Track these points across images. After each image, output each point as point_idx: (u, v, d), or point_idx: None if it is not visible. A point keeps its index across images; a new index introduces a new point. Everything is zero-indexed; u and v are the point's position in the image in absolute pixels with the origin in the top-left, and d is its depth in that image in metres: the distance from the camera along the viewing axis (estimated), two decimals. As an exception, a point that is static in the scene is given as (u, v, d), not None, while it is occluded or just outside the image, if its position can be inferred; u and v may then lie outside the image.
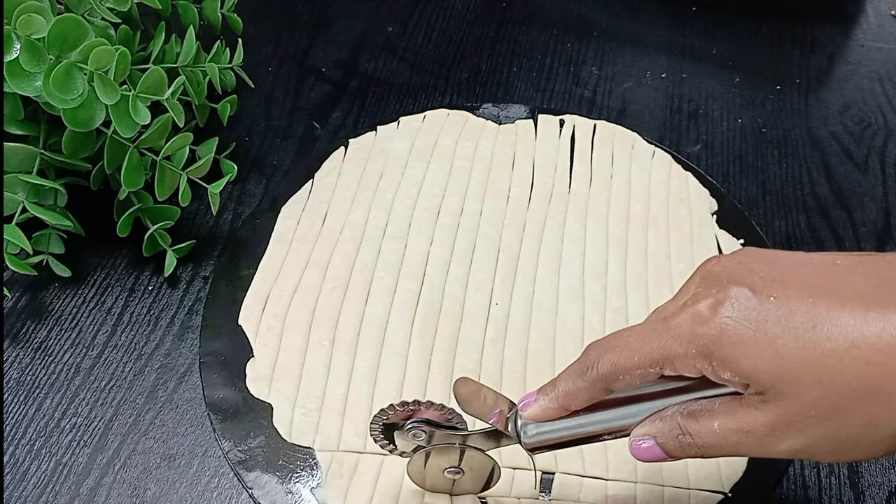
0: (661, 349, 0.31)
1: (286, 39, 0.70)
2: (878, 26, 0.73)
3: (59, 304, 0.51)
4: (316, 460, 0.43)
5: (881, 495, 0.44)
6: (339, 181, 0.57)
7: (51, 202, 0.50)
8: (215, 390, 0.46)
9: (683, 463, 0.43)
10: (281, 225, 0.54)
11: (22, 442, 0.45)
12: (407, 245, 0.53)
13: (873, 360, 0.27)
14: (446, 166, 0.58)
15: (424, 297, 0.50)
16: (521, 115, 0.62)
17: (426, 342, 0.48)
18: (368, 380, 0.46)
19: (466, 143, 0.60)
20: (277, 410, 0.45)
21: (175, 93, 0.49)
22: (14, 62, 0.43)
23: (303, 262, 0.52)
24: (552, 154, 0.59)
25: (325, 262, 0.52)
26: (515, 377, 0.47)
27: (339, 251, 0.53)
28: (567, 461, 0.43)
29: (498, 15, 0.73)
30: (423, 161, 0.58)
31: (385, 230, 0.54)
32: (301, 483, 0.42)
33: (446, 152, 0.59)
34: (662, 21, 0.72)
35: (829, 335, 0.28)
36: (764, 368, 0.29)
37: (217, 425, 0.44)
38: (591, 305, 0.50)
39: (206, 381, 0.46)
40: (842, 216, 0.57)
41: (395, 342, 0.48)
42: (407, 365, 0.47)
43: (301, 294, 0.50)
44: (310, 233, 0.54)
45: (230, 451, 0.43)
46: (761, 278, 0.30)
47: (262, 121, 0.62)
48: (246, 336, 0.48)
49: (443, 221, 0.55)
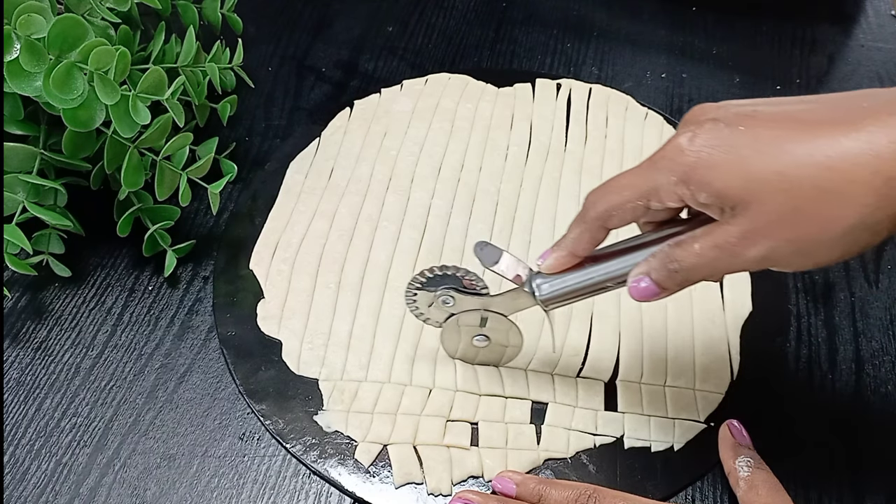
0: (647, 182, 0.35)
1: (286, 39, 0.70)
2: (878, 26, 0.73)
3: (59, 304, 0.51)
4: (320, 391, 0.46)
5: (881, 495, 0.44)
6: (345, 139, 0.60)
7: (51, 202, 0.50)
8: (228, 328, 0.49)
9: (662, 393, 0.47)
10: (289, 179, 0.58)
11: (22, 442, 0.45)
12: (409, 198, 0.56)
13: (826, 166, 0.31)
14: (447, 126, 0.61)
15: (426, 245, 0.53)
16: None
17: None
18: (371, 317, 0.50)
19: (467, 105, 0.63)
20: (286, 346, 0.48)
21: (175, 93, 0.49)
22: (14, 62, 0.43)
23: (310, 212, 0.55)
24: (549, 115, 0.62)
25: (331, 212, 0.55)
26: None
27: (345, 203, 0.56)
28: (563, 393, 0.47)
29: (498, 15, 0.73)
30: (426, 121, 0.61)
31: (389, 184, 0.57)
32: (306, 409, 0.46)
33: (447, 113, 0.62)
34: (662, 21, 0.72)
35: (789, 150, 0.32)
36: (733, 184, 0.32)
37: (230, 360, 0.48)
38: None
39: (220, 321, 0.49)
40: (842, 216, 0.57)
41: (398, 284, 0.51)
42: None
43: (309, 241, 0.54)
44: (317, 186, 0.57)
45: (242, 384, 0.47)
46: (734, 114, 0.34)
47: (262, 121, 0.62)
48: (257, 279, 0.51)
49: (444, 176, 0.57)
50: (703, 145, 0.33)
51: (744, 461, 0.42)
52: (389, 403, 0.46)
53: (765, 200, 0.32)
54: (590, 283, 0.39)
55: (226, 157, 0.58)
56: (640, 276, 0.36)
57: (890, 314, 0.51)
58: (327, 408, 0.46)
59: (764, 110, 0.34)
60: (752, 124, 0.33)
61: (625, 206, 0.36)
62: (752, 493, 0.40)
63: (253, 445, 0.45)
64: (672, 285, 0.36)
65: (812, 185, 0.31)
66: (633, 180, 0.36)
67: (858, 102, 0.32)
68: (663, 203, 0.35)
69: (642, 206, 0.36)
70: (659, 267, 0.36)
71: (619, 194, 0.36)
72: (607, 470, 0.44)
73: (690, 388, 0.47)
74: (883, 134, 0.31)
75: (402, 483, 0.43)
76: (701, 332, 0.49)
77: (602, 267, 0.38)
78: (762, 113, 0.33)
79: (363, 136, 0.60)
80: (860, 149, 0.31)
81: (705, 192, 0.33)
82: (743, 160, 0.32)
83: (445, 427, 0.45)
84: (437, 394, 0.46)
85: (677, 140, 0.34)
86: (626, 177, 0.37)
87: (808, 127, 0.32)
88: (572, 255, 0.39)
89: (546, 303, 0.40)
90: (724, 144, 0.33)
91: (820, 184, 0.31)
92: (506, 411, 0.46)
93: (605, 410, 0.46)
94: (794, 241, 0.32)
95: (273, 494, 0.43)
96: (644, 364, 0.48)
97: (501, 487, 0.42)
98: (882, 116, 0.31)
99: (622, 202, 0.36)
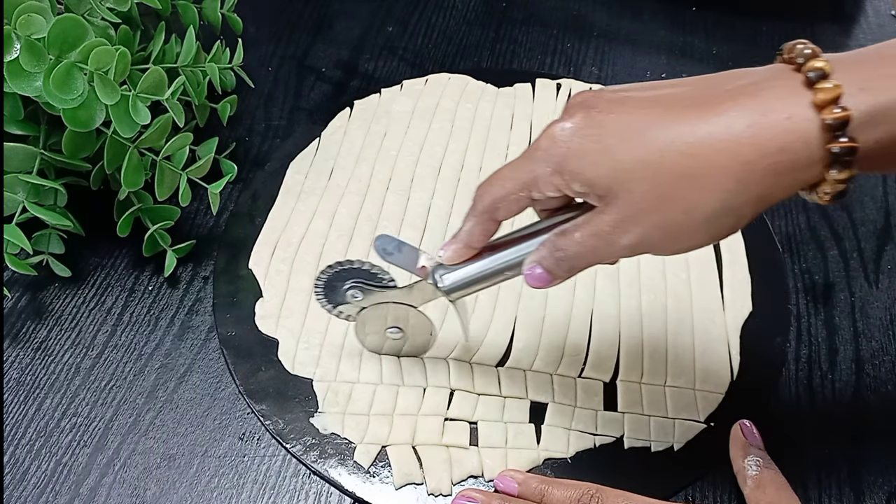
0: (526, 173, 0.35)
1: (286, 39, 0.70)
2: (878, 26, 0.72)
3: (59, 304, 0.51)
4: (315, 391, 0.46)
5: (881, 495, 0.44)
6: (345, 139, 0.60)
7: (51, 202, 0.50)
8: (227, 328, 0.49)
9: (662, 393, 0.46)
10: (289, 179, 0.58)
11: (22, 442, 0.45)
12: (409, 198, 0.56)
13: (687, 153, 0.31)
14: (447, 126, 0.61)
15: (426, 245, 0.53)
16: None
17: None
18: None
19: (467, 105, 0.63)
20: (283, 345, 0.48)
21: (175, 93, 0.49)
22: (14, 62, 0.43)
23: (310, 212, 0.55)
24: (549, 115, 0.62)
25: (331, 212, 0.55)
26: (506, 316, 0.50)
27: (345, 203, 0.56)
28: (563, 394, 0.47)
29: (498, 15, 0.73)
30: (426, 121, 0.61)
31: (388, 184, 0.57)
32: (305, 410, 0.46)
33: (447, 113, 0.62)
34: (662, 21, 0.72)
35: (654, 137, 0.32)
36: (602, 173, 0.33)
37: (230, 360, 0.48)
38: None
39: (220, 321, 0.49)
40: (842, 216, 0.57)
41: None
42: None
43: (308, 241, 0.54)
44: (317, 186, 0.57)
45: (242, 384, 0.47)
46: (606, 100, 0.34)
47: (262, 121, 0.62)
48: (256, 279, 0.51)
49: (444, 176, 0.58)
50: (574, 134, 0.33)
51: (752, 460, 0.42)
52: (385, 405, 0.46)
53: (632, 189, 0.32)
54: (488, 273, 0.39)
55: (226, 157, 0.58)
56: (532, 264, 0.37)
57: (890, 314, 0.51)
58: (323, 410, 0.46)
59: (635, 96, 0.34)
60: (621, 111, 0.33)
61: (508, 198, 0.37)
62: (759, 491, 0.40)
63: (253, 445, 0.45)
64: (561, 273, 0.36)
65: (674, 172, 0.31)
66: (513, 172, 0.36)
67: (724, 85, 0.33)
68: (543, 193, 0.36)
69: (525, 197, 0.36)
70: (547, 255, 0.36)
71: (501, 187, 0.37)
72: (607, 470, 0.44)
73: (690, 388, 0.47)
74: (741, 118, 0.31)
75: (402, 484, 0.43)
76: (701, 332, 0.49)
77: (499, 256, 0.39)
78: (632, 99, 0.33)
79: (363, 136, 0.60)
80: (719, 134, 0.31)
81: (578, 182, 0.33)
82: (609, 149, 0.32)
83: (444, 426, 0.45)
84: (432, 393, 0.46)
85: (551, 129, 0.34)
86: (508, 168, 0.37)
87: (673, 112, 0.32)
88: (468, 247, 0.39)
89: (449, 293, 0.41)
90: (594, 133, 0.33)
91: (681, 170, 0.31)
92: (504, 411, 0.46)
93: (605, 410, 0.46)
94: (661, 227, 0.33)
95: (273, 494, 0.43)
96: (644, 364, 0.48)
97: (503, 486, 0.42)
98: (741, 99, 0.31)
99: (505, 194, 0.37)
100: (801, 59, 0.32)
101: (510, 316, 0.50)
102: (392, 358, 0.48)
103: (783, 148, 0.30)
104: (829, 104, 0.30)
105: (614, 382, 0.47)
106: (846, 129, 0.30)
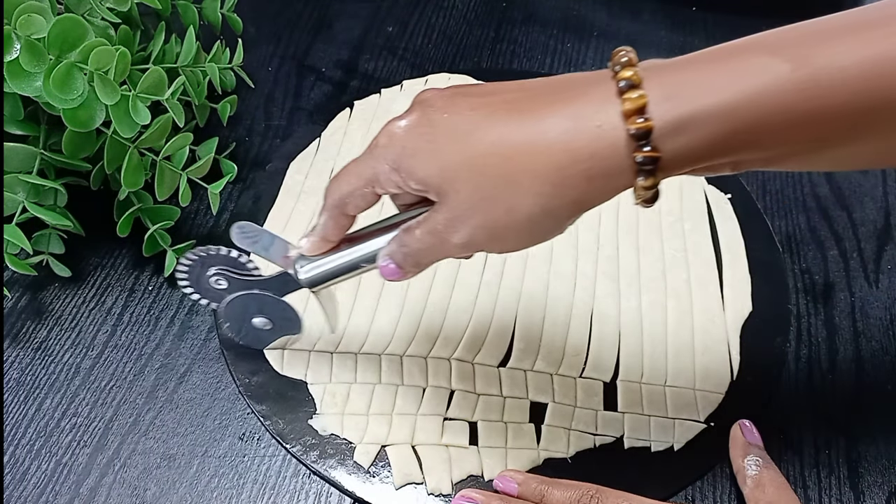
0: (368, 170, 0.36)
1: (286, 39, 0.70)
2: (878, 26, 0.72)
3: (59, 304, 0.51)
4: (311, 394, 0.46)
5: (881, 495, 0.44)
6: (345, 140, 0.60)
7: (51, 202, 0.50)
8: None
9: (662, 393, 0.47)
10: (290, 179, 0.58)
11: (22, 442, 0.45)
12: None
13: (506, 156, 0.32)
14: None
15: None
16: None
17: (424, 284, 0.51)
18: (366, 317, 0.50)
19: None
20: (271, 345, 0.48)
21: (175, 93, 0.49)
22: (14, 62, 0.43)
23: (310, 212, 0.55)
24: None
25: None
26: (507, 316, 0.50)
27: None
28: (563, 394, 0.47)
29: (498, 15, 0.73)
30: None
31: None
32: (305, 410, 0.46)
33: None
34: (662, 21, 0.72)
35: (479, 138, 0.32)
36: (432, 173, 0.33)
37: (230, 360, 0.48)
38: (584, 253, 0.53)
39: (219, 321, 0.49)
40: (842, 216, 0.57)
41: (397, 283, 0.50)
42: (404, 304, 0.50)
43: None
44: (317, 186, 0.57)
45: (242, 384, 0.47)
46: (443, 100, 0.34)
47: (262, 121, 0.62)
48: None
49: None
50: (409, 132, 0.34)
51: (752, 460, 0.42)
52: (384, 404, 0.46)
53: (458, 189, 0.33)
54: (345, 265, 0.40)
55: (226, 157, 0.58)
56: (385, 258, 0.37)
57: (890, 314, 0.51)
58: (321, 411, 0.46)
59: (472, 95, 0.34)
60: (453, 111, 0.33)
61: (354, 194, 0.37)
62: (759, 490, 0.40)
63: (253, 445, 0.45)
64: (410, 268, 0.37)
65: (495, 174, 0.32)
66: (357, 168, 0.37)
67: (550, 90, 0.33)
68: (385, 190, 0.36)
69: (370, 193, 0.37)
70: (396, 250, 0.37)
71: (347, 182, 0.37)
72: (607, 470, 0.44)
73: (690, 388, 0.47)
74: (557, 124, 0.31)
75: (402, 484, 0.43)
76: (701, 332, 0.49)
77: (355, 249, 0.39)
78: (467, 100, 0.34)
79: (363, 136, 0.60)
80: (535, 138, 0.31)
81: (413, 181, 0.34)
82: (439, 149, 0.33)
83: (443, 426, 0.45)
84: (432, 392, 0.46)
85: (390, 126, 0.35)
86: (353, 164, 0.37)
87: (503, 115, 0.32)
88: (325, 240, 0.39)
89: (308, 284, 0.41)
90: (427, 132, 0.33)
91: (501, 173, 0.32)
92: (504, 410, 0.46)
93: (605, 410, 0.46)
94: (486, 227, 0.33)
95: (273, 494, 0.43)
96: (644, 364, 0.48)
97: (503, 487, 0.42)
98: (558, 106, 0.32)
99: (351, 190, 0.37)
100: (618, 68, 0.32)
101: (510, 316, 0.50)
102: (392, 358, 0.48)
103: (594, 154, 0.31)
104: (634, 114, 0.30)
105: (614, 382, 0.47)
106: (649, 138, 0.30)
